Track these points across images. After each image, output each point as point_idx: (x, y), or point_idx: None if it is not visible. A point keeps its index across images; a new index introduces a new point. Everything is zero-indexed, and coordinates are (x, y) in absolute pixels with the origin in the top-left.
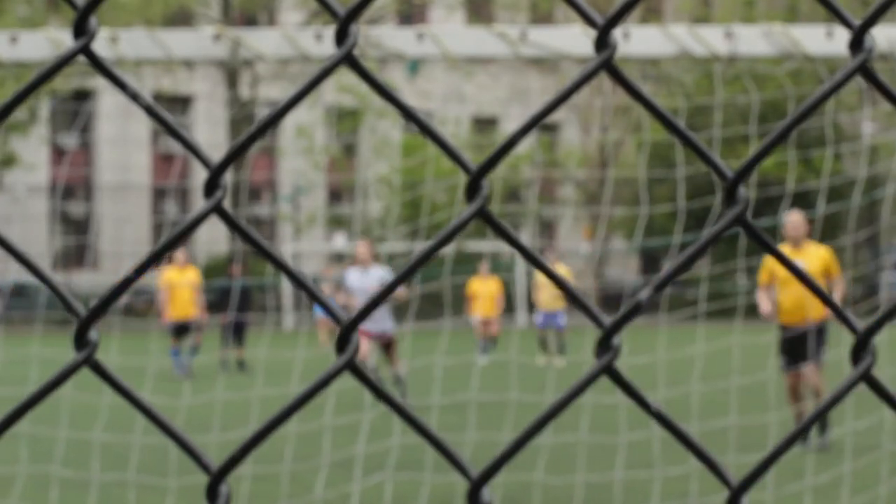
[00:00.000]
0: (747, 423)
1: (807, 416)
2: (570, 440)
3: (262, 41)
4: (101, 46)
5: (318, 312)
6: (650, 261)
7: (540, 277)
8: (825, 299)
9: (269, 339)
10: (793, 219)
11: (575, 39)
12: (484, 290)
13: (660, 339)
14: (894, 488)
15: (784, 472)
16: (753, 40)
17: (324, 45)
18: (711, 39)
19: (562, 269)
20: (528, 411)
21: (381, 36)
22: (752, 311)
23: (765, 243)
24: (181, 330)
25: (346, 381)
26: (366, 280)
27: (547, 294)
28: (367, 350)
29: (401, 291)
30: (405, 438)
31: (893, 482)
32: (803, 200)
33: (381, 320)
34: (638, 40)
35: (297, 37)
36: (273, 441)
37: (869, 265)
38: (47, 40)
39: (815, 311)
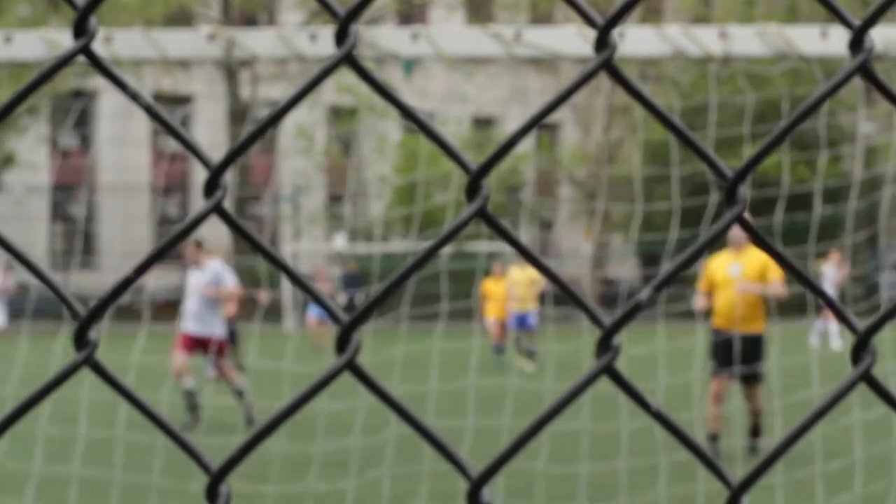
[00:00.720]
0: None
1: (720, 420)
2: (570, 428)
3: (256, 41)
4: (96, 46)
5: (312, 313)
6: (650, 260)
7: (510, 277)
8: (824, 298)
9: (265, 341)
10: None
11: (570, 39)
12: (499, 291)
13: (659, 336)
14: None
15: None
16: (748, 40)
17: (319, 45)
18: (706, 40)
19: (526, 275)
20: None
21: (377, 36)
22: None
23: (764, 243)
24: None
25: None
26: (201, 279)
27: (518, 294)
28: (183, 365)
29: (233, 289)
30: (400, 429)
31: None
32: (802, 201)
33: (206, 322)
34: (633, 40)
35: (291, 37)
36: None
37: (868, 265)
38: (42, 40)
39: (751, 323)
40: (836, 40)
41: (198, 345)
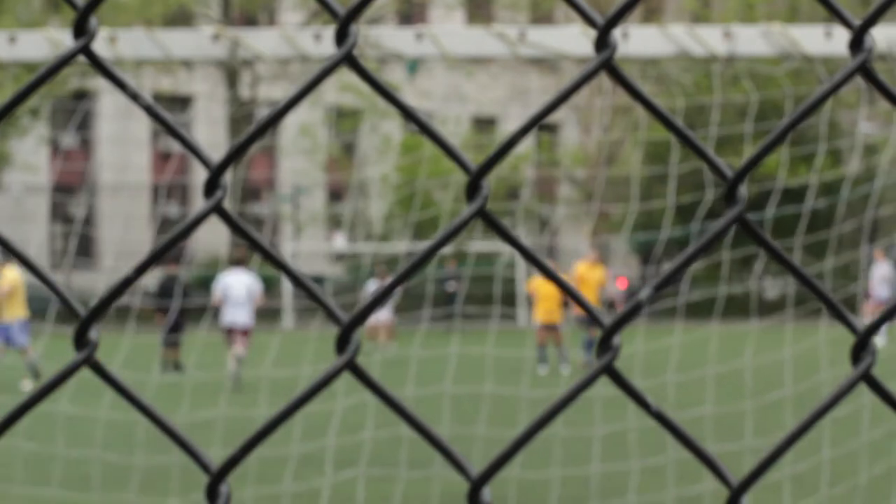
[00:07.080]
0: (723, 412)
1: None
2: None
3: (260, 41)
4: (99, 46)
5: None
6: (649, 260)
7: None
8: (822, 297)
9: (265, 342)
10: None
11: (574, 39)
12: (547, 290)
13: (638, 332)
14: (873, 477)
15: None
16: (752, 40)
17: (322, 45)
18: (710, 39)
19: None
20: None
21: (381, 36)
22: (730, 303)
23: (764, 243)
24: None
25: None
26: None
27: None
28: None
29: None
30: (378, 432)
31: (872, 470)
32: (799, 199)
33: None
34: (637, 40)
35: (295, 37)
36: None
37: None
38: (46, 40)
39: None
40: (840, 40)
41: None
